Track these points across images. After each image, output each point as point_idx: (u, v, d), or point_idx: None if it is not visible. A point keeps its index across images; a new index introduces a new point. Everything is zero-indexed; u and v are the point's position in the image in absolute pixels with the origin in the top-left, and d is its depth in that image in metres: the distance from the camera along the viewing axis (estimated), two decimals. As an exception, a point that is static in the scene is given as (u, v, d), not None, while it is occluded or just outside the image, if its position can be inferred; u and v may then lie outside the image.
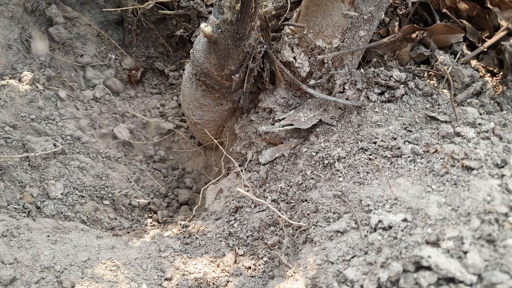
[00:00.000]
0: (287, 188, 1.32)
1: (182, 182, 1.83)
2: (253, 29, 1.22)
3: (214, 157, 1.72)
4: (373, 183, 1.12)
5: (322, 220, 1.12)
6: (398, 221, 0.94)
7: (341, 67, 1.33)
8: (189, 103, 1.55)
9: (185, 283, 1.13)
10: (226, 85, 1.37)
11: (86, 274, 1.07)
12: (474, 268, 0.76)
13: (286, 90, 1.41)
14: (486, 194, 0.91)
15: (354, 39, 1.28)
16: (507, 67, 1.37)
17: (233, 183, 1.48)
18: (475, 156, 1.03)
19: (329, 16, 1.23)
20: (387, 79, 1.36)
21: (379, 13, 1.24)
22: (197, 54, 1.33)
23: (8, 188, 1.33)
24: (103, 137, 1.72)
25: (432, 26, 1.45)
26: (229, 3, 1.12)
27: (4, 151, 1.39)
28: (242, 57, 1.28)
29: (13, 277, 0.99)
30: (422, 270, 0.79)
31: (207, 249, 1.25)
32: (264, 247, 1.23)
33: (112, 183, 1.58)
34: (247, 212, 1.33)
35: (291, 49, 1.34)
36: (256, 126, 1.47)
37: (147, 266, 1.16)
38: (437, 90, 1.35)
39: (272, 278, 1.15)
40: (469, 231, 0.84)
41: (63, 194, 1.42)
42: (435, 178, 1.03)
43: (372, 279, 0.83)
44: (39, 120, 1.55)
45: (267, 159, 1.42)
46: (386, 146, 1.20)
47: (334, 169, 1.23)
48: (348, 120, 1.34)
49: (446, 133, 1.16)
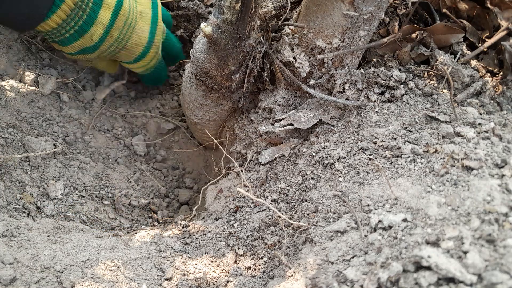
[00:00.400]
0: (287, 188, 1.32)
1: (182, 182, 1.83)
2: (253, 29, 1.23)
3: (214, 157, 1.72)
4: (373, 183, 1.12)
5: (322, 220, 1.12)
6: (398, 221, 0.94)
7: (341, 67, 1.33)
8: (189, 103, 1.55)
9: (185, 283, 1.13)
10: (226, 85, 1.37)
11: (86, 274, 1.07)
12: (474, 268, 0.76)
13: (286, 90, 1.41)
14: (486, 194, 0.91)
15: (354, 39, 1.28)
16: (507, 67, 1.37)
17: (233, 183, 1.48)
18: (475, 156, 1.03)
19: (329, 16, 1.23)
20: (387, 79, 1.36)
21: (379, 13, 1.24)
22: (197, 54, 1.33)
23: (8, 188, 1.33)
24: (103, 137, 1.72)
25: (432, 26, 1.45)
26: (229, 3, 1.12)
27: (4, 151, 1.39)
28: (242, 57, 1.28)
29: (13, 277, 0.99)
30: (422, 270, 0.79)
31: (207, 249, 1.25)
32: (264, 247, 1.23)
33: (112, 183, 1.58)
34: (247, 212, 1.33)
35: (291, 49, 1.34)
36: (256, 126, 1.47)
37: (147, 266, 1.16)
38: (437, 90, 1.35)
39: (272, 278, 1.15)
40: (469, 231, 0.84)
41: (63, 194, 1.42)
42: (435, 178, 1.03)
43: (372, 279, 0.83)
44: (40, 120, 1.55)
45: (267, 159, 1.42)
46: (386, 146, 1.20)
47: (334, 169, 1.23)
48: (348, 120, 1.34)
49: (446, 133, 1.16)
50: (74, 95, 1.72)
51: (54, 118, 1.59)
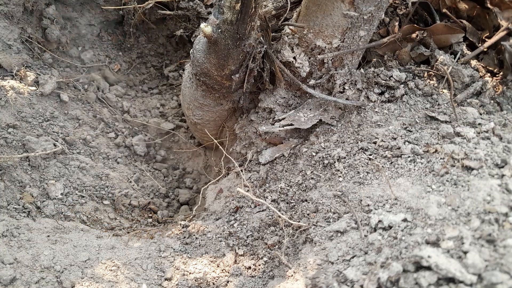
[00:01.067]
0: (287, 188, 1.32)
1: (183, 182, 1.83)
2: (253, 29, 1.22)
3: (214, 157, 1.72)
4: (373, 183, 1.12)
5: (322, 220, 1.12)
6: (398, 221, 0.94)
7: (341, 67, 1.33)
8: (189, 103, 1.55)
9: (185, 283, 1.13)
10: (226, 85, 1.37)
11: (86, 274, 1.07)
12: (474, 268, 0.76)
13: (286, 90, 1.41)
14: (486, 194, 0.91)
15: (354, 39, 1.28)
16: (507, 67, 1.37)
17: (233, 183, 1.48)
18: (475, 156, 1.03)
19: (329, 16, 1.23)
20: (387, 79, 1.36)
21: (379, 13, 1.24)
22: (197, 54, 1.33)
23: (8, 188, 1.33)
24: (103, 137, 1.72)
25: (432, 26, 1.44)
26: (229, 3, 1.12)
27: (4, 151, 1.39)
28: (242, 57, 1.28)
29: (13, 277, 0.99)
30: (422, 270, 0.79)
31: (207, 249, 1.25)
32: (264, 247, 1.23)
33: (112, 183, 1.58)
34: (247, 212, 1.33)
35: (291, 49, 1.34)
36: (256, 126, 1.47)
37: (147, 266, 1.16)
38: (437, 90, 1.35)
39: (272, 278, 1.15)
40: (469, 231, 0.84)
41: (63, 194, 1.42)
42: (435, 178, 1.03)
43: (372, 279, 0.83)
44: (40, 120, 1.55)
45: (267, 159, 1.42)
46: (386, 146, 1.20)
47: (334, 169, 1.23)
48: (348, 120, 1.34)
49: (446, 133, 1.16)
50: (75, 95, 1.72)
51: (54, 118, 1.59)
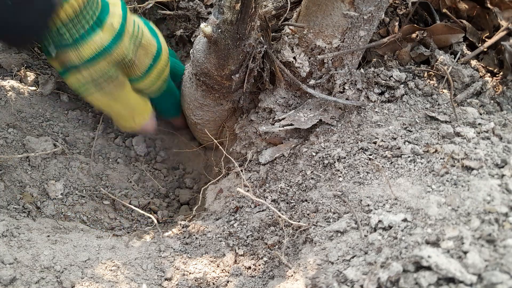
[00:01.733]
0: (287, 188, 1.32)
1: (183, 182, 1.83)
2: (253, 29, 1.22)
3: (214, 157, 1.72)
4: (373, 183, 1.12)
5: (322, 220, 1.12)
6: (398, 221, 0.94)
7: (341, 67, 1.33)
8: (189, 103, 1.55)
9: (185, 283, 1.13)
10: (226, 85, 1.37)
11: (86, 274, 1.07)
12: (474, 268, 0.76)
13: (286, 90, 1.41)
14: (486, 194, 0.91)
15: (354, 39, 1.28)
16: (507, 67, 1.37)
17: (233, 183, 1.48)
18: (475, 156, 1.03)
19: (329, 16, 1.23)
20: (387, 79, 1.36)
21: (379, 13, 1.24)
22: (197, 54, 1.33)
23: (8, 188, 1.33)
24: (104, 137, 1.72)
25: (432, 26, 1.45)
26: (229, 3, 1.12)
27: (4, 151, 1.39)
28: (242, 57, 1.28)
29: (13, 277, 0.99)
30: (422, 270, 0.79)
31: (207, 249, 1.25)
32: (264, 247, 1.23)
33: (112, 183, 1.58)
34: (247, 212, 1.33)
35: (291, 49, 1.34)
36: (256, 126, 1.47)
37: (147, 266, 1.16)
38: (437, 90, 1.35)
39: (272, 278, 1.15)
40: (469, 231, 0.84)
41: (63, 194, 1.42)
42: (435, 178, 1.03)
43: (372, 279, 0.83)
44: (40, 120, 1.55)
45: (267, 159, 1.42)
46: (386, 146, 1.20)
47: (334, 169, 1.23)
48: (348, 120, 1.34)
49: (446, 133, 1.16)
50: (75, 96, 1.72)
51: (54, 118, 1.59)
